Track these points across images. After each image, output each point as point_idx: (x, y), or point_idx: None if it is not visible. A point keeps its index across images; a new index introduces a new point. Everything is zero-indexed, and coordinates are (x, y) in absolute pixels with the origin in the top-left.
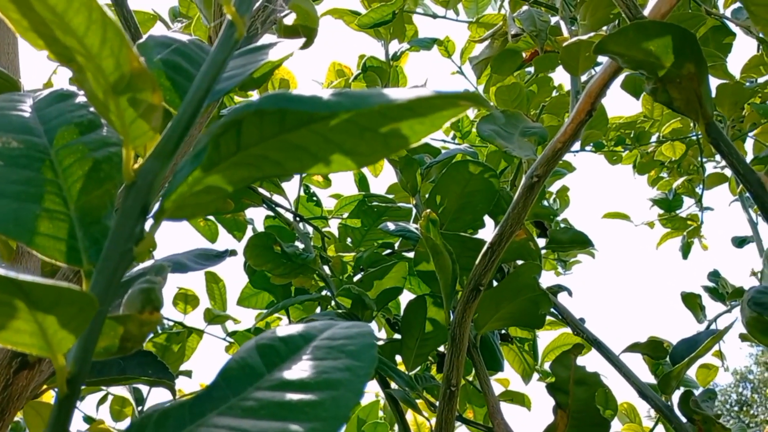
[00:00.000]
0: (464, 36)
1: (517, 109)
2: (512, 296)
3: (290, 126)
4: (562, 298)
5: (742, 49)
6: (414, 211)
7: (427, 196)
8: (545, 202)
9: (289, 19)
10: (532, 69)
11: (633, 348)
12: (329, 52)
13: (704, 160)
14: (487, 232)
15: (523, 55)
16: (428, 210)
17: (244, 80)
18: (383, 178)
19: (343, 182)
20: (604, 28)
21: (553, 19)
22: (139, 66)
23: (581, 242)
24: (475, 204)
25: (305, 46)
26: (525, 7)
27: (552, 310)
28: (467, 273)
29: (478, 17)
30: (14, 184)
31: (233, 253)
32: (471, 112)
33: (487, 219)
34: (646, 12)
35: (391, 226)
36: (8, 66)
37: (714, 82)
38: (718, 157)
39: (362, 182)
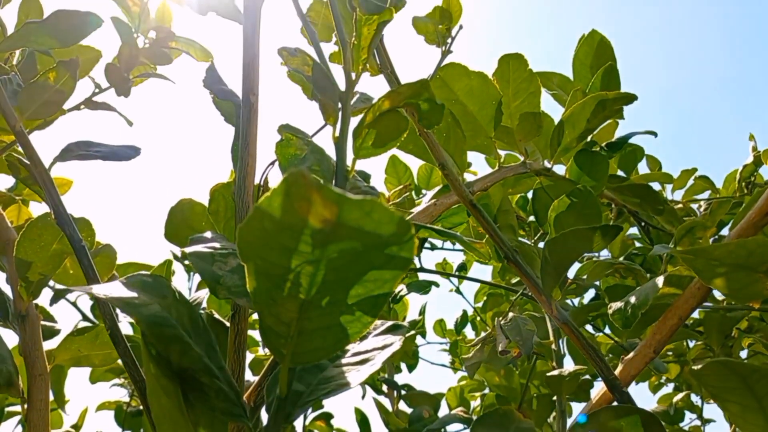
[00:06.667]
0: (460, 255)
1: None
2: None
3: None
4: None
5: None
6: None
7: None
8: None
9: None
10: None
11: None
12: None
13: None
14: None
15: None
16: None
17: None
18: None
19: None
20: None
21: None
22: None
23: None
24: None
25: None
26: (510, 314)
27: None
28: None
29: (471, 241)
30: None
31: None
32: (470, 333)
33: None
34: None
35: None
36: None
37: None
38: None
39: (363, 423)
